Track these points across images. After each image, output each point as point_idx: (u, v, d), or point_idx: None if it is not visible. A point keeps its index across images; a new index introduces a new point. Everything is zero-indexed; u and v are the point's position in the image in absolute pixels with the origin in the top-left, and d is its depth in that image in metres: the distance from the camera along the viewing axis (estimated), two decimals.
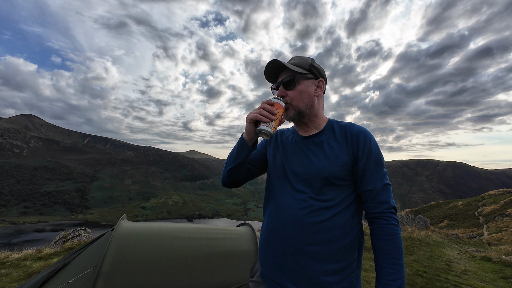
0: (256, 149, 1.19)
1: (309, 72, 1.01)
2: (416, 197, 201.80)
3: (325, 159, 0.96)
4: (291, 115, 1.02)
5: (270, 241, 1.00)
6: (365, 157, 0.94)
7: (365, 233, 1.03)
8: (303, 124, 1.07)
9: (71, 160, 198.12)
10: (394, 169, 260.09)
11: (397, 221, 0.92)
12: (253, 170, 1.17)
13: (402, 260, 0.87)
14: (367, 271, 4.20)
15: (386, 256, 0.87)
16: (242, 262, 2.25)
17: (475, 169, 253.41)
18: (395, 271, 0.85)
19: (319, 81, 1.04)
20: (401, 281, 0.84)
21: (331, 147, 0.98)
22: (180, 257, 2.04)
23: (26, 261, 3.71)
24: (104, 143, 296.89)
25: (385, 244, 0.88)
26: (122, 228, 2.07)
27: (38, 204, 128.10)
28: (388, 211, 0.92)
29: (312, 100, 1.02)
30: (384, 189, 0.94)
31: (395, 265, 0.85)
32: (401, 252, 0.87)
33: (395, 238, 0.88)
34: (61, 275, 1.97)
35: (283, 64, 0.98)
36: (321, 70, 1.04)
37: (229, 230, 2.63)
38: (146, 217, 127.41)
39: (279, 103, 0.96)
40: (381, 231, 0.91)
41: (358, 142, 0.96)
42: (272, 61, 0.98)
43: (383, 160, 0.98)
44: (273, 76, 1.06)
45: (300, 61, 1.02)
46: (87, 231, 5.37)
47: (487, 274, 4.72)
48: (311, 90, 1.02)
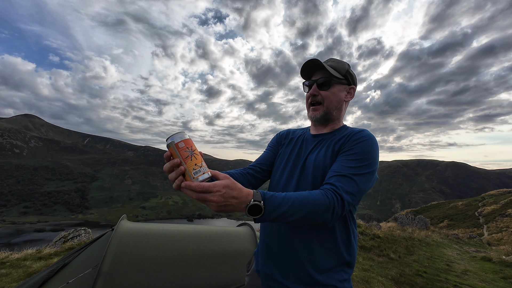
0: (267, 151, 1.21)
1: (344, 77, 1.04)
2: (416, 197, 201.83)
3: (321, 157, 0.98)
4: (319, 115, 1.04)
5: (266, 235, 1.04)
6: (344, 151, 0.93)
7: (365, 233, 1.04)
8: (322, 126, 1.09)
9: (71, 160, 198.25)
10: (394, 169, 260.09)
11: (333, 201, 0.78)
12: (264, 174, 1.15)
13: (302, 210, 0.74)
14: (367, 271, 4.20)
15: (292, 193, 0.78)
16: (242, 262, 2.25)
17: (475, 169, 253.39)
18: (288, 200, 0.74)
19: (351, 88, 1.07)
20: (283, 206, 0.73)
21: (328, 148, 1.00)
22: (180, 257, 2.04)
23: (26, 261, 3.71)
24: (104, 143, 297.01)
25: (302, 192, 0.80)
26: (122, 228, 2.07)
27: (38, 204, 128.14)
28: (330, 189, 0.82)
29: (341, 105, 1.06)
30: (346, 178, 0.84)
31: (292, 197, 0.75)
32: (307, 204, 0.75)
33: (314, 195, 0.78)
34: (61, 275, 1.97)
35: (321, 64, 1.00)
36: (354, 78, 1.07)
37: (229, 230, 2.63)
38: (146, 217, 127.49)
39: (177, 143, 0.71)
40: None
41: (347, 142, 0.96)
42: (312, 59, 1.00)
43: (369, 162, 0.89)
44: (307, 73, 1.08)
45: (338, 65, 1.04)
46: (87, 231, 5.37)
47: (487, 274, 4.72)
48: (342, 95, 1.05)
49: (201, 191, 0.66)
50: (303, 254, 0.92)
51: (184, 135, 0.72)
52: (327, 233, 0.93)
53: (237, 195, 0.69)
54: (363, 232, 6.83)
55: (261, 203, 0.70)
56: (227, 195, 0.67)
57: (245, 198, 0.69)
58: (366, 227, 7.67)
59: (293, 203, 0.74)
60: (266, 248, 1.03)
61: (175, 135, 0.72)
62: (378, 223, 9.70)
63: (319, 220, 0.77)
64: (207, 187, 0.66)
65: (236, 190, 0.69)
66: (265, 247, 1.04)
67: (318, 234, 0.93)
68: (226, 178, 0.70)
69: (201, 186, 0.66)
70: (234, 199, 0.68)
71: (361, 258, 4.96)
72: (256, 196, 0.71)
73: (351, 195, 0.83)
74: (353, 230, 0.99)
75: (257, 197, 0.70)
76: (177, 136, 0.72)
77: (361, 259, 4.87)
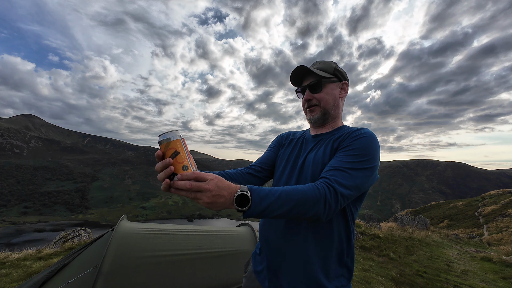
0: (268, 152, 1.22)
1: (333, 75, 1.04)
2: (416, 197, 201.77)
3: (320, 155, 0.97)
4: (317, 115, 1.05)
5: (264, 230, 1.05)
6: (343, 148, 0.92)
7: (365, 233, 1.03)
8: (321, 126, 1.10)
9: (71, 160, 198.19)
10: (394, 169, 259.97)
11: (324, 192, 0.76)
12: (265, 173, 1.15)
13: (290, 204, 0.73)
14: (367, 271, 4.19)
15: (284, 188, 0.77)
16: (242, 262, 2.25)
17: (475, 169, 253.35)
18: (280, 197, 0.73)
19: (343, 83, 1.08)
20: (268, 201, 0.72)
21: (327, 146, 0.99)
22: (180, 257, 2.04)
23: (26, 261, 3.71)
24: (104, 143, 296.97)
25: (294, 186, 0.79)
26: (122, 228, 2.07)
27: (38, 204, 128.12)
28: (322, 181, 0.80)
29: (337, 102, 1.07)
30: (340, 171, 0.82)
31: (283, 194, 0.73)
32: (295, 195, 0.74)
33: (303, 187, 0.77)
34: (61, 275, 1.97)
35: (308, 69, 1.01)
36: (344, 73, 1.08)
37: (229, 230, 2.63)
38: (146, 217, 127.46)
39: (168, 142, 0.69)
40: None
41: (346, 139, 0.95)
42: (299, 67, 1.01)
43: (368, 158, 0.86)
44: (298, 80, 1.09)
45: (324, 65, 1.05)
46: (87, 231, 5.37)
47: (487, 274, 4.72)
48: (336, 92, 1.06)
49: (195, 179, 0.66)
50: (302, 254, 0.91)
51: (176, 134, 0.70)
52: (326, 231, 0.91)
53: (227, 186, 0.70)
54: (363, 232, 6.82)
55: (248, 193, 0.70)
56: (217, 190, 0.67)
57: (234, 190, 0.70)
58: (366, 227, 7.67)
59: (280, 194, 0.73)
60: (265, 247, 1.03)
61: (168, 133, 0.70)
62: (378, 223, 9.70)
63: (310, 212, 0.75)
64: (201, 176, 0.67)
65: (225, 184, 0.70)
66: (264, 244, 1.04)
67: (316, 232, 0.91)
68: (214, 177, 0.70)
69: (196, 174, 0.67)
70: (224, 191, 0.68)
71: (361, 258, 4.96)
72: (243, 188, 0.72)
73: (345, 188, 0.79)
74: (353, 232, 0.97)
75: (243, 188, 0.71)
76: (170, 135, 0.69)
77: (361, 259, 4.87)
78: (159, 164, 0.68)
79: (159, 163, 0.68)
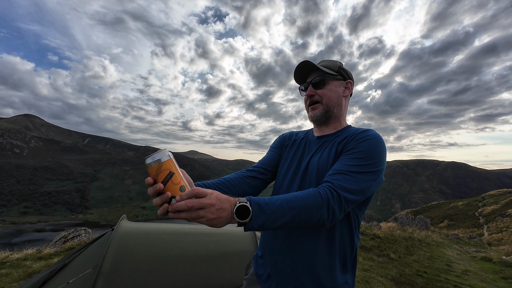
0: (270, 153, 1.18)
1: (338, 73, 1.03)
2: (416, 198, 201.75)
3: (324, 159, 0.94)
4: (319, 113, 1.02)
5: (267, 238, 1.03)
6: (347, 150, 0.89)
7: (365, 234, 1.03)
8: (324, 125, 1.06)
9: (71, 160, 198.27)
10: (394, 169, 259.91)
11: (327, 197, 0.73)
12: (269, 175, 1.11)
13: (292, 212, 0.69)
14: (367, 271, 4.20)
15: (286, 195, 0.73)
16: (242, 262, 2.25)
17: (475, 169, 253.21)
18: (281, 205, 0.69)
19: (347, 82, 1.06)
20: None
21: (331, 149, 0.96)
22: (180, 257, 2.04)
23: (26, 261, 3.71)
24: (104, 143, 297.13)
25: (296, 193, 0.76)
26: (122, 228, 2.07)
27: (38, 204, 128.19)
28: (325, 186, 0.77)
29: (340, 100, 1.03)
30: (344, 175, 0.79)
31: (284, 202, 0.70)
32: (296, 203, 0.70)
33: (304, 193, 0.74)
34: (61, 275, 1.97)
35: (313, 65, 0.99)
36: (349, 73, 1.07)
37: (229, 230, 2.63)
38: (146, 217, 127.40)
39: (160, 163, 0.61)
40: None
41: (350, 141, 0.91)
42: (303, 62, 0.99)
43: (373, 161, 0.83)
44: (301, 77, 1.07)
45: (330, 63, 1.04)
46: (87, 231, 5.37)
47: (488, 274, 4.72)
48: (340, 90, 1.03)
49: (195, 196, 0.60)
50: (306, 261, 0.89)
51: (165, 154, 0.62)
52: (329, 238, 0.88)
53: (226, 199, 0.65)
54: (363, 232, 6.82)
55: (247, 203, 0.66)
56: (219, 204, 0.62)
57: (233, 201, 0.66)
58: (366, 227, 7.67)
59: (281, 203, 0.69)
60: (268, 249, 1.01)
61: (156, 154, 0.62)
62: (378, 223, 9.70)
63: (314, 219, 0.71)
64: (201, 192, 0.60)
65: (224, 197, 0.65)
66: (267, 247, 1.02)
67: (320, 237, 0.88)
68: (212, 191, 0.64)
69: (196, 191, 0.61)
70: (225, 203, 0.63)
71: (361, 258, 4.96)
72: (242, 199, 0.67)
73: (349, 192, 0.76)
74: (357, 238, 0.94)
75: (242, 200, 0.67)
76: (159, 155, 0.61)
77: (361, 259, 4.87)
78: (151, 190, 0.61)
79: (151, 189, 0.61)
